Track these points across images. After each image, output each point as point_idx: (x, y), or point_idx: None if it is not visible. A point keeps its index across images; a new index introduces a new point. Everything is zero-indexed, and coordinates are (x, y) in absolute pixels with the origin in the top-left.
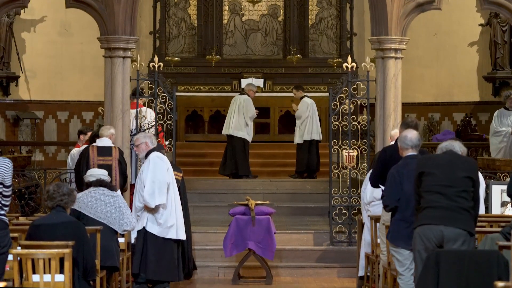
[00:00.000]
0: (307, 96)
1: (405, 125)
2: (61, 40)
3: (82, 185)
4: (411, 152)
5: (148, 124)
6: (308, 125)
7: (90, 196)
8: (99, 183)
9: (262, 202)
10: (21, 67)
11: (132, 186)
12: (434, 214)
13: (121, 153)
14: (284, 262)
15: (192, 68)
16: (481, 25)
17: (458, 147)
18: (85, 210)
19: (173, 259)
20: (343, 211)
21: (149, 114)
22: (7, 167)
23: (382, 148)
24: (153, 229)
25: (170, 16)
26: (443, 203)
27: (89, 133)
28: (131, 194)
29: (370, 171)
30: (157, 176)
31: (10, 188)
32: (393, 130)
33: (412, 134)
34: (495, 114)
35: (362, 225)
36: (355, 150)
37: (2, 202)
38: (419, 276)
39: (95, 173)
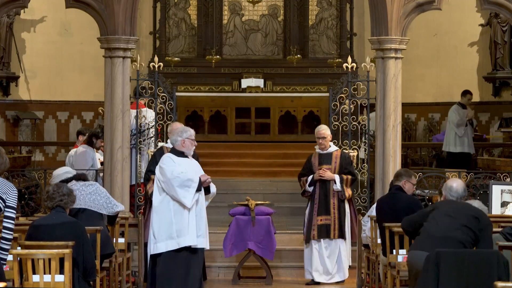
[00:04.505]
0: None
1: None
2: (61, 40)
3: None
4: None
5: (148, 124)
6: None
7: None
8: (77, 177)
9: (262, 202)
10: (21, 67)
11: (132, 187)
12: (426, 240)
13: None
14: (284, 262)
15: (192, 68)
16: (481, 25)
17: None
18: (77, 204)
19: None
20: None
21: (149, 114)
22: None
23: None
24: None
25: (170, 16)
26: (438, 232)
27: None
28: (132, 196)
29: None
30: None
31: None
32: (319, 127)
33: (458, 184)
34: None
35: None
36: (355, 150)
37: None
38: (419, 277)
39: (62, 171)
